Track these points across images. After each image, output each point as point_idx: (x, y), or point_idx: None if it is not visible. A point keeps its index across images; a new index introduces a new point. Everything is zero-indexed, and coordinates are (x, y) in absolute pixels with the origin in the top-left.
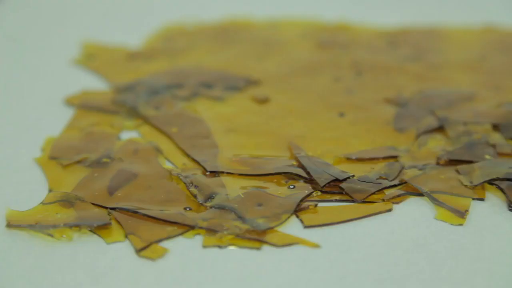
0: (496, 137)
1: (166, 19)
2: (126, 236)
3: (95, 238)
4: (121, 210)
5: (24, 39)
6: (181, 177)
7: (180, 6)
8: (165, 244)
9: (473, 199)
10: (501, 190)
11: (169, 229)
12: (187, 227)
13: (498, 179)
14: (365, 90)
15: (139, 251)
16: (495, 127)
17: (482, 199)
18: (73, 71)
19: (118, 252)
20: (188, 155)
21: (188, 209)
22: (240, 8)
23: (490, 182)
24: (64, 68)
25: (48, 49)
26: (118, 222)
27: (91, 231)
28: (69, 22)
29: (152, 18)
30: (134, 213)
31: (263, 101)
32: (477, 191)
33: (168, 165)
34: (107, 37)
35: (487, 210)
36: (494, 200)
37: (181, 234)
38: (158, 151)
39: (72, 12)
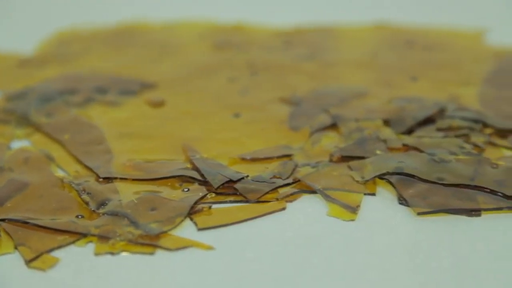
0: (387, 132)
1: (59, 24)
2: (15, 248)
3: None
4: (11, 221)
5: None
6: (73, 185)
7: (74, 11)
8: (56, 253)
9: (365, 194)
10: (391, 184)
11: (60, 238)
12: (79, 235)
13: (388, 173)
14: (260, 90)
15: (29, 262)
16: (386, 123)
17: (373, 194)
18: None
19: (8, 264)
20: (80, 162)
21: (80, 216)
22: (135, 12)
23: (381, 176)
24: None
25: None
26: (8, 233)
27: None
28: None
29: (44, 24)
30: (24, 223)
31: (158, 104)
32: (369, 186)
33: (60, 173)
34: None
35: (378, 204)
36: (385, 194)
37: (73, 242)
38: (50, 159)
39: None
